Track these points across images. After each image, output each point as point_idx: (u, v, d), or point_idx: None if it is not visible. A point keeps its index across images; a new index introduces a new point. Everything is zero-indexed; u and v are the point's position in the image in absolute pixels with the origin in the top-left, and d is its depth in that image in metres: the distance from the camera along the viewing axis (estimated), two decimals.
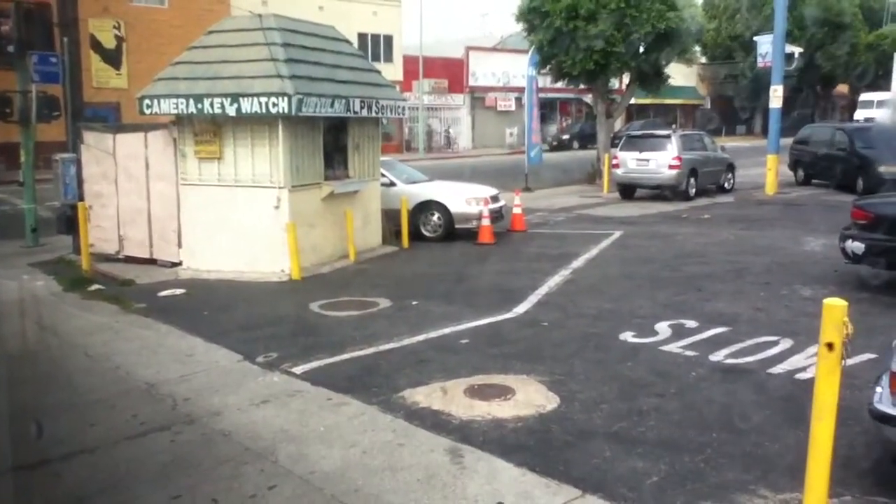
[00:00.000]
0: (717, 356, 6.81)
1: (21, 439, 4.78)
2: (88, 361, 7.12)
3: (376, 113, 12.10)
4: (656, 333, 7.58)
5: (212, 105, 10.24)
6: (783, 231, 14.32)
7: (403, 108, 13.53)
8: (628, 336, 7.52)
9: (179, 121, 10.85)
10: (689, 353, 6.94)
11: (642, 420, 5.40)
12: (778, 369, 6.44)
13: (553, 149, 44.72)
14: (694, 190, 19.93)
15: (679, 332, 7.57)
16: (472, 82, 48.00)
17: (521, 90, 27.38)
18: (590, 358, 6.87)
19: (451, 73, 46.88)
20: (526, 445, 5.00)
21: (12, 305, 9.76)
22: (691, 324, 7.89)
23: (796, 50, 25.51)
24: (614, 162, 20.62)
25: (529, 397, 5.85)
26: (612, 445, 4.97)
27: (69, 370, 6.94)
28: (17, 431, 4.81)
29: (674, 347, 7.11)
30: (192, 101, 10.34)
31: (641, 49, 22.15)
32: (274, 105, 10.00)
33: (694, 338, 7.39)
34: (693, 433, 5.15)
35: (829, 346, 3.77)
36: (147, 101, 10.65)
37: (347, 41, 13.08)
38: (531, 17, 22.82)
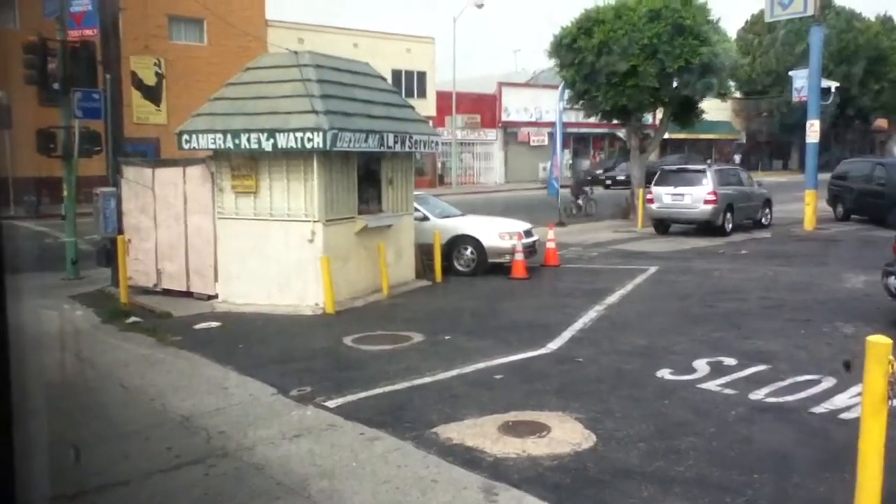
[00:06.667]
0: (757, 395, 6.67)
1: (59, 469, 4.81)
2: (124, 393, 7.19)
3: (410, 148, 12.20)
4: (694, 371, 7.45)
5: (248, 140, 10.41)
6: (823, 267, 14.07)
7: (436, 143, 13.62)
8: (665, 373, 7.40)
9: (217, 155, 11.04)
10: (728, 391, 6.80)
11: (680, 459, 5.28)
12: (820, 409, 6.28)
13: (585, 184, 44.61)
14: (730, 225, 19.70)
15: (717, 370, 7.44)
16: (504, 117, 48.30)
17: (553, 125, 27.42)
18: (626, 395, 6.76)
19: (483, 108, 47.25)
20: (561, 484, 4.92)
21: (52, 336, 9.89)
22: (730, 361, 7.74)
23: (832, 84, 25.29)
24: (649, 197, 20.50)
25: (565, 435, 5.77)
26: (649, 485, 4.87)
27: (105, 401, 7.00)
28: (55, 461, 4.84)
29: (712, 385, 6.97)
30: (229, 137, 10.52)
31: (674, 84, 22.14)
32: (309, 140, 10.13)
33: (733, 376, 7.24)
34: (733, 473, 5.03)
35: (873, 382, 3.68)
36: (185, 137, 10.87)
37: (381, 77, 13.24)
38: (563, 52, 22.96)
